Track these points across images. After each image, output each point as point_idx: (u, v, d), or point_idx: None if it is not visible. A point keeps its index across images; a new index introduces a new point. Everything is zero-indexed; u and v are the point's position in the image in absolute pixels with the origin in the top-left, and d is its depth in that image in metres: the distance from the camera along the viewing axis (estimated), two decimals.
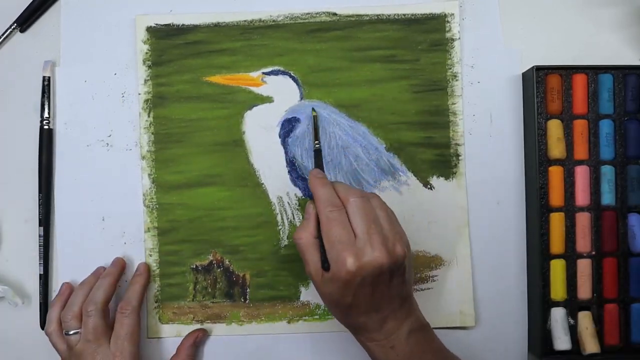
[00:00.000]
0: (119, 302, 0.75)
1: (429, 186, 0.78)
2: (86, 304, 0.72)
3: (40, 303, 0.78)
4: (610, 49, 0.80)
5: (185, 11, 0.79)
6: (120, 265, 0.77)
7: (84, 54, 0.80)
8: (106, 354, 0.71)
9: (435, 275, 0.78)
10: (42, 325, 0.78)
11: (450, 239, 0.78)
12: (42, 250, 0.78)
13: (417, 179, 0.78)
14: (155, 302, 0.78)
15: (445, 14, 0.79)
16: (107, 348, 0.72)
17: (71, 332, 0.72)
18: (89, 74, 0.79)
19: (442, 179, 0.78)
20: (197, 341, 0.77)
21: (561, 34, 0.81)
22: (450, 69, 0.79)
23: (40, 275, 0.78)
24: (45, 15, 0.80)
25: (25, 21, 0.79)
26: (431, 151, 0.78)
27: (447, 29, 0.79)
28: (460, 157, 0.78)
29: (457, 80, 0.79)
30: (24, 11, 0.79)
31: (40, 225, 0.78)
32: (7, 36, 0.79)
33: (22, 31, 0.80)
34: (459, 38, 0.79)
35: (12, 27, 0.79)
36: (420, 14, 0.79)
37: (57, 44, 0.80)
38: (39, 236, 0.78)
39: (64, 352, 0.73)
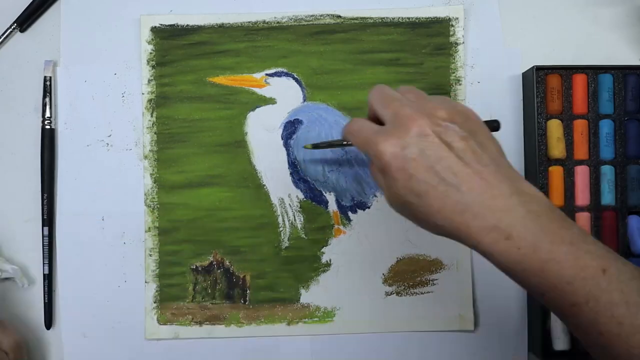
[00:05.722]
0: None
1: None
2: None
3: (45, 303, 0.78)
4: (610, 49, 0.81)
5: (186, 12, 0.79)
6: None
7: (84, 54, 0.79)
8: None
9: (436, 279, 0.78)
10: (47, 325, 0.78)
11: (451, 242, 0.77)
12: (46, 250, 0.78)
13: None
14: (154, 302, 0.78)
15: (449, 18, 0.79)
16: None
17: None
18: (89, 74, 0.79)
19: None
20: None
21: (561, 34, 0.81)
22: (454, 73, 0.79)
23: (44, 275, 0.78)
24: (45, 15, 0.80)
25: (25, 21, 0.79)
26: None
27: (451, 33, 0.79)
28: None
29: (460, 84, 0.79)
30: (24, 11, 0.79)
31: (44, 226, 0.78)
32: (7, 36, 0.79)
33: (22, 31, 0.80)
34: (463, 42, 0.79)
35: (12, 27, 0.79)
36: (425, 18, 0.79)
37: (57, 44, 0.79)
38: (43, 236, 0.78)
39: None
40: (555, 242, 0.51)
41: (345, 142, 0.69)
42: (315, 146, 0.74)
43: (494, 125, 0.64)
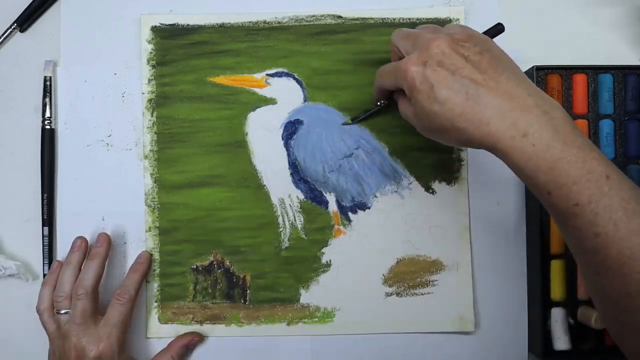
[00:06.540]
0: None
1: (431, 190, 0.78)
2: (76, 287, 0.72)
3: None
4: (610, 49, 0.81)
5: (186, 11, 0.79)
6: (107, 242, 0.76)
7: (84, 53, 0.79)
8: (92, 337, 0.71)
9: (436, 280, 0.78)
10: None
11: (451, 243, 0.78)
12: (46, 250, 0.78)
13: (420, 183, 0.78)
14: (155, 301, 0.78)
15: (450, 19, 0.79)
16: (94, 331, 0.71)
17: (62, 312, 0.72)
18: (89, 74, 0.79)
19: (444, 183, 0.78)
20: (190, 344, 0.77)
21: (561, 34, 0.81)
22: None
23: (44, 275, 0.78)
24: (45, 15, 0.80)
25: (25, 21, 0.79)
26: (434, 156, 0.78)
27: None
28: (462, 162, 0.78)
29: None
30: (24, 11, 0.79)
31: (44, 226, 0.78)
32: (7, 36, 0.79)
33: (22, 31, 0.80)
34: None
35: (12, 27, 0.79)
36: (426, 19, 0.78)
37: (57, 44, 0.79)
38: (43, 236, 0.78)
39: (52, 332, 0.72)
40: (567, 143, 0.55)
41: (379, 103, 0.75)
42: (355, 119, 0.77)
43: (498, 28, 0.68)
